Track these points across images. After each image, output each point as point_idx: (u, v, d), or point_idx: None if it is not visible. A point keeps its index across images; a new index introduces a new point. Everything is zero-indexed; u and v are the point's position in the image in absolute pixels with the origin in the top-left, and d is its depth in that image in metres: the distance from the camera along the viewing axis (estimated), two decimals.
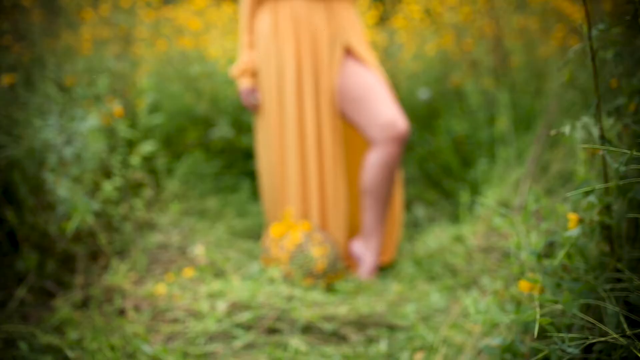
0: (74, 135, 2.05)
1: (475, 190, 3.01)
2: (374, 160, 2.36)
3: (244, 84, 2.50)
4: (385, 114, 2.34)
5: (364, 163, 2.44)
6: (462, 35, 3.55)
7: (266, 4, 2.45)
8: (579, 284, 1.21)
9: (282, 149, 2.46)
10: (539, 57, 3.36)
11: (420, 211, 3.11)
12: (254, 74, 2.50)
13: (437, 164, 3.37)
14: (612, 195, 1.27)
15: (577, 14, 3.09)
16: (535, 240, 1.48)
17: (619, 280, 1.22)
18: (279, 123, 2.45)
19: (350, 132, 2.58)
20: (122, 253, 2.38)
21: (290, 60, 2.40)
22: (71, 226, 1.99)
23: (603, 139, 1.25)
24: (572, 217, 1.28)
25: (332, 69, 2.41)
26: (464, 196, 2.74)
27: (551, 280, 1.28)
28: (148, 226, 2.66)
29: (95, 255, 2.30)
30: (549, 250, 1.62)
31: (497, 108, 3.16)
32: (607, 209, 1.26)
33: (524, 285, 1.28)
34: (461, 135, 3.33)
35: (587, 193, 1.28)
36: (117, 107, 2.37)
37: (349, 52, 2.46)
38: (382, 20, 4.14)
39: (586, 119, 1.25)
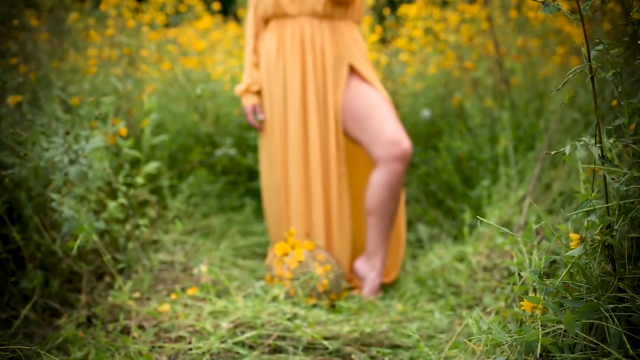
0: (79, 155, 2.07)
1: (477, 209, 3.02)
2: (378, 179, 2.37)
3: (249, 102, 2.52)
4: (389, 132, 2.35)
5: (368, 182, 2.45)
6: (464, 55, 3.58)
7: (271, 24, 2.48)
8: (581, 303, 1.22)
9: (286, 168, 2.48)
10: (539, 77, 3.39)
11: (423, 230, 3.12)
12: (258, 93, 2.52)
13: (439, 183, 3.38)
14: (614, 214, 1.28)
15: (577, 34, 3.11)
16: (538, 260, 1.48)
17: (621, 299, 1.23)
18: (283, 142, 2.46)
19: (355, 151, 2.59)
20: (126, 272, 2.39)
21: (295, 79, 2.42)
22: (76, 245, 2.00)
23: (603, 158, 1.26)
24: (574, 236, 1.29)
25: (337, 88, 2.43)
26: (467, 215, 2.75)
27: (553, 299, 1.29)
28: (152, 245, 2.67)
29: (99, 274, 2.31)
30: (551, 269, 1.63)
31: (499, 127, 3.17)
32: (608, 228, 1.27)
33: (526, 304, 1.29)
34: (463, 154, 3.35)
35: (588, 212, 1.29)
36: (122, 127, 2.39)
37: (352, 71, 2.48)
38: (385, 41, 4.19)
39: (586, 139, 1.27)
